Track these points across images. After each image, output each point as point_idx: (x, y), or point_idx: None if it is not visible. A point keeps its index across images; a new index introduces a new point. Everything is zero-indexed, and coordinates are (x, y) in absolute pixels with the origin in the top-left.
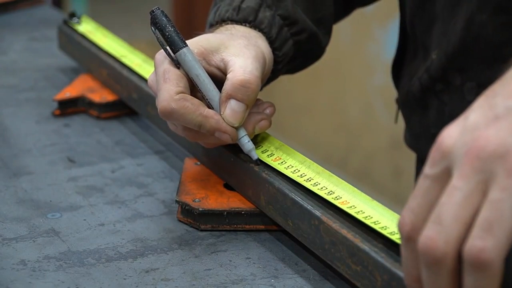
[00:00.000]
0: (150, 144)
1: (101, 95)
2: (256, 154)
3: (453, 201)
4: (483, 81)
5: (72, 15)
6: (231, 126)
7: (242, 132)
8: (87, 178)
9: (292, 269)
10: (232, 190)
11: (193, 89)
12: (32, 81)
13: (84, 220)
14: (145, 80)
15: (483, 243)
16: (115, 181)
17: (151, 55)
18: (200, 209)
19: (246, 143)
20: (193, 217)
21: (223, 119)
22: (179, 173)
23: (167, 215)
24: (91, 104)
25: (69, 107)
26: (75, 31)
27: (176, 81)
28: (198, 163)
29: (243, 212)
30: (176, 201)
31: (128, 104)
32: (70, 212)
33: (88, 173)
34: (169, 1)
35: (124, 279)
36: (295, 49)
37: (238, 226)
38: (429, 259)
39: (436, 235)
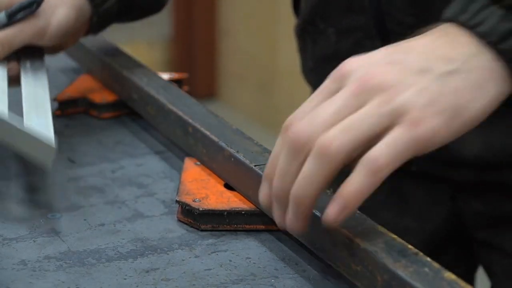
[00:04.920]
0: (150, 144)
1: (101, 96)
2: None
3: (329, 109)
4: (340, 27)
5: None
6: None
7: None
8: (87, 178)
9: (292, 269)
10: (232, 190)
11: None
12: None
13: (84, 220)
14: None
15: (332, 136)
16: (115, 181)
17: (151, 55)
18: (201, 209)
19: None
20: (193, 217)
21: None
22: (179, 173)
23: (167, 215)
24: (91, 104)
25: (70, 107)
26: None
27: None
28: (198, 163)
29: (243, 212)
30: (176, 201)
31: (128, 104)
32: (71, 212)
33: (88, 173)
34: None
35: (124, 279)
36: (122, 5)
37: (238, 226)
38: (291, 145)
39: (305, 127)
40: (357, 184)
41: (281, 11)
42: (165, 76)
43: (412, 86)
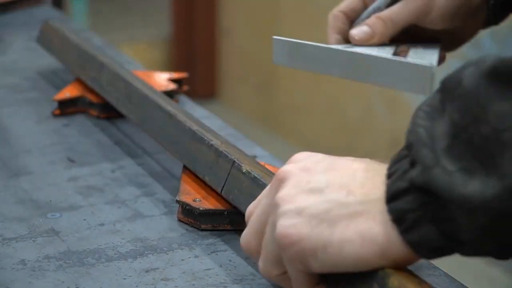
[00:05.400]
0: (150, 144)
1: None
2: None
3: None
4: None
5: None
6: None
7: None
8: (87, 178)
9: None
10: None
11: None
12: (32, 81)
13: (84, 220)
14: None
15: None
16: (115, 181)
17: (151, 55)
18: (201, 208)
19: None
20: (194, 217)
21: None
22: (179, 173)
23: (167, 215)
24: (91, 104)
25: (69, 107)
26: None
27: (349, 1)
28: None
29: (243, 212)
30: (177, 201)
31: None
32: (70, 212)
33: (88, 173)
34: (169, 1)
35: (124, 279)
36: None
37: (239, 226)
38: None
39: (249, 214)
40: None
41: (281, 11)
42: (165, 75)
43: (295, 202)
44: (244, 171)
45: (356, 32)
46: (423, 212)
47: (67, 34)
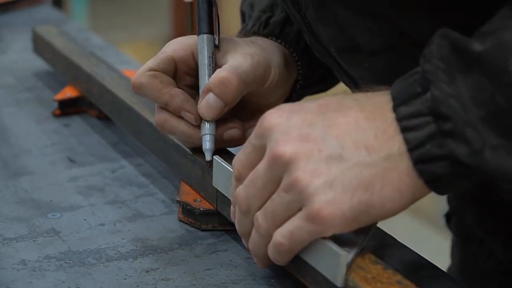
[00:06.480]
0: None
1: None
2: (210, 156)
3: (256, 183)
4: None
5: None
6: (203, 118)
7: (209, 129)
8: (87, 178)
9: None
10: None
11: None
12: (32, 81)
13: (85, 220)
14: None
15: (259, 222)
16: (115, 181)
17: (151, 54)
18: (201, 208)
19: (206, 141)
20: (194, 217)
21: (198, 110)
22: None
23: (168, 215)
24: (91, 104)
25: (69, 107)
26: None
27: (159, 60)
28: None
29: None
30: (177, 201)
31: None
32: (71, 212)
33: (88, 173)
34: (169, 1)
35: (125, 279)
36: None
37: None
38: (238, 207)
39: (244, 197)
40: (271, 255)
41: None
42: None
43: (321, 176)
44: None
45: (202, 105)
46: (457, 178)
47: (56, 45)
